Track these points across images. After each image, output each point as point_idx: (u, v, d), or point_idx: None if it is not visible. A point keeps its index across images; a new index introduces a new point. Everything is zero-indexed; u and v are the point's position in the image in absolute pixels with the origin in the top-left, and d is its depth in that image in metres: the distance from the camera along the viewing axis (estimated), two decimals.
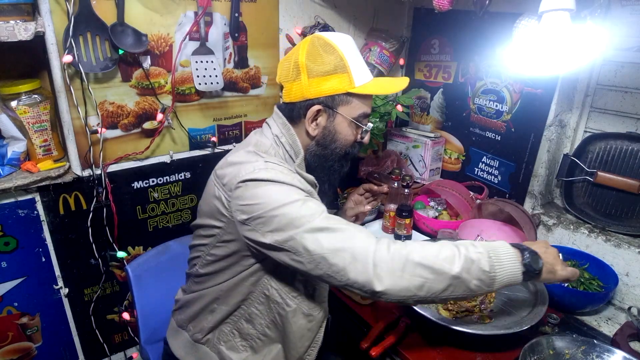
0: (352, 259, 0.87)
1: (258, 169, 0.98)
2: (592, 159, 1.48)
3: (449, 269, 0.86)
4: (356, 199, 1.41)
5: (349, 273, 0.87)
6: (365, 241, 0.89)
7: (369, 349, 1.12)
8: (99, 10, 1.31)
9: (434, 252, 0.88)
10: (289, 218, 0.91)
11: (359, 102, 1.06)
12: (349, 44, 1.06)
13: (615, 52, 1.37)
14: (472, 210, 1.65)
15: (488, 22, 1.63)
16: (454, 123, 1.91)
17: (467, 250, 0.89)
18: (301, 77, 1.04)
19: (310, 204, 0.94)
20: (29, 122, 1.31)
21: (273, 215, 0.92)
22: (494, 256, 0.90)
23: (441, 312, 1.16)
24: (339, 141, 1.09)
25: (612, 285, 1.30)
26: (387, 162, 1.93)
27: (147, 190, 1.60)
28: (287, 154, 1.10)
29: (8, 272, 1.40)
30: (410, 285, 0.86)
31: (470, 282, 0.87)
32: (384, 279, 0.85)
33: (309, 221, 0.90)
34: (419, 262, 0.86)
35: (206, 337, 1.17)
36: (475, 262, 0.87)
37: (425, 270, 0.86)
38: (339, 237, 0.89)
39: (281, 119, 1.10)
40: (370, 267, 0.85)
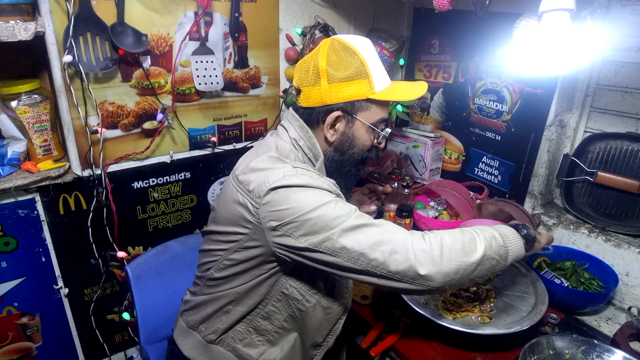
0: (391, 252, 0.90)
1: (288, 175, 0.96)
2: (592, 159, 1.48)
3: (475, 250, 0.93)
4: (360, 199, 1.41)
5: (390, 265, 0.90)
6: (401, 233, 0.92)
7: (369, 349, 1.12)
8: (99, 10, 1.31)
9: (460, 238, 0.94)
10: (324, 220, 0.92)
11: (377, 108, 1.06)
12: (368, 47, 1.05)
13: (615, 52, 1.37)
14: (472, 210, 1.65)
15: (488, 22, 1.63)
16: (454, 123, 1.91)
17: (483, 231, 0.98)
18: (321, 82, 1.02)
19: (342, 204, 0.95)
20: (29, 122, 1.31)
21: (307, 219, 0.92)
22: (502, 234, 0.99)
23: (441, 312, 1.16)
24: (357, 147, 1.09)
25: (612, 285, 1.30)
26: (387, 162, 1.93)
27: (147, 190, 1.60)
28: (306, 157, 1.08)
29: (8, 272, 1.40)
30: (450, 270, 0.91)
31: (492, 259, 0.95)
32: (426, 265, 0.89)
33: (344, 221, 0.91)
34: (452, 247, 0.92)
35: (220, 337, 1.16)
36: (492, 239, 0.96)
37: (459, 254, 0.92)
38: (375, 231, 0.92)
39: (298, 121, 1.08)
40: (412, 256, 0.89)
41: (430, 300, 1.21)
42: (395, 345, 1.13)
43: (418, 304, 1.17)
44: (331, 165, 1.10)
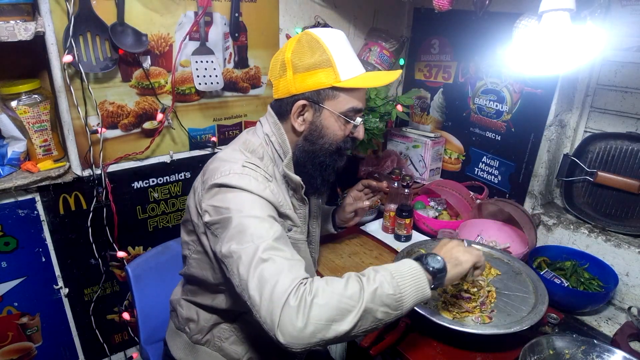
0: (270, 295, 0.82)
1: (233, 172, 0.99)
2: (592, 159, 1.48)
3: (355, 305, 0.83)
4: (355, 195, 1.42)
5: (262, 309, 0.83)
6: (287, 280, 0.83)
7: (369, 348, 1.12)
8: (99, 10, 1.31)
9: (340, 291, 0.84)
10: (240, 230, 0.91)
11: (346, 97, 1.06)
12: (337, 38, 1.05)
13: (615, 52, 1.37)
14: (472, 210, 1.65)
15: (488, 22, 1.63)
16: (454, 123, 1.91)
17: (369, 280, 0.87)
18: (287, 73, 1.05)
19: (265, 225, 0.93)
20: (29, 122, 1.32)
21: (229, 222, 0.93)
22: (398, 275, 0.88)
23: (441, 312, 1.16)
24: (328, 136, 1.09)
25: (612, 285, 1.29)
26: (387, 162, 1.93)
27: (147, 190, 1.60)
28: (277, 153, 1.10)
29: (8, 272, 1.40)
30: (317, 328, 0.80)
31: (377, 312, 0.85)
32: (286, 336, 0.80)
33: (253, 243, 0.88)
34: (324, 304, 0.81)
35: (205, 337, 1.17)
36: (378, 288, 0.85)
37: (332, 312, 0.81)
38: (268, 269, 0.85)
39: (272, 117, 1.11)
40: (277, 316, 0.80)
41: (430, 300, 1.21)
42: (395, 345, 1.13)
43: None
44: (303, 155, 1.11)
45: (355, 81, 1.05)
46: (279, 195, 1.04)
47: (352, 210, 1.41)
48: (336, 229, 1.48)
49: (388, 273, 0.88)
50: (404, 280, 0.88)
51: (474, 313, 1.15)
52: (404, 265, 0.92)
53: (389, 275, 0.88)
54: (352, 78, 1.04)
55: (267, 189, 1.00)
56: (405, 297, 0.87)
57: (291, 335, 0.79)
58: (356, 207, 1.40)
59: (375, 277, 0.87)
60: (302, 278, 0.85)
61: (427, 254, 0.96)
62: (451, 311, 1.16)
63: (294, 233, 1.11)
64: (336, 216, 1.47)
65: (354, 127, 1.10)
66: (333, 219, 1.47)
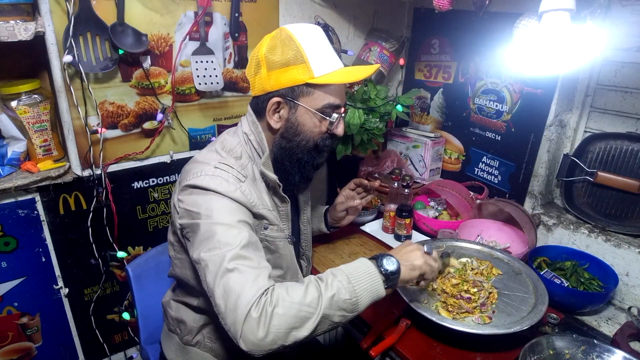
0: (233, 306, 0.85)
1: (204, 174, 1.00)
2: (592, 159, 1.48)
3: (313, 312, 0.87)
4: (347, 194, 1.42)
5: (227, 318, 0.86)
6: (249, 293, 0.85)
7: (369, 349, 1.12)
8: (99, 10, 1.31)
9: (299, 299, 0.87)
10: (208, 237, 0.93)
11: (321, 93, 1.04)
12: (311, 34, 1.04)
13: (615, 52, 1.37)
14: (472, 210, 1.65)
15: (488, 22, 1.63)
16: (454, 123, 1.91)
17: (327, 286, 0.90)
18: (261, 70, 1.05)
19: (233, 231, 0.94)
20: (29, 122, 1.32)
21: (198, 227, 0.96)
22: (353, 279, 0.92)
23: (441, 312, 1.16)
24: (304, 133, 1.08)
25: (612, 285, 1.29)
26: (387, 162, 1.93)
27: (147, 190, 1.60)
28: (255, 151, 1.11)
29: (8, 272, 1.40)
30: (277, 336, 0.84)
31: (334, 316, 0.89)
32: (248, 344, 0.83)
33: (220, 250, 0.91)
34: (284, 313, 0.85)
35: (196, 338, 1.18)
36: (335, 294, 0.89)
37: (291, 320, 0.85)
38: (233, 279, 0.88)
39: (251, 116, 1.11)
40: (240, 326, 0.84)
41: (430, 300, 1.21)
42: (395, 345, 1.13)
43: (418, 304, 1.17)
44: (280, 152, 1.11)
45: (330, 77, 1.03)
46: (251, 195, 1.04)
47: (343, 209, 1.40)
48: (329, 228, 1.48)
49: (345, 278, 0.91)
50: (360, 284, 0.92)
51: (474, 314, 1.15)
52: (360, 267, 0.95)
53: (346, 280, 0.91)
54: (326, 74, 1.03)
55: (237, 190, 1.01)
56: (361, 300, 0.91)
57: (253, 344, 0.83)
58: (347, 206, 1.40)
59: (333, 283, 0.90)
60: (265, 288, 0.87)
61: (384, 255, 0.99)
62: (451, 311, 1.16)
63: (270, 231, 1.11)
64: (328, 215, 1.46)
65: (333, 124, 1.08)
66: (325, 218, 1.47)
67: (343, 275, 0.92)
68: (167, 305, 1.26)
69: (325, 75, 1.03)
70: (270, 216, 1.10)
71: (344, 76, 1.06)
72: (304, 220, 1.33)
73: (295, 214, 1.30)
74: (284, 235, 1.15)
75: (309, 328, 0.86)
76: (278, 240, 1.13)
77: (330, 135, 1.11)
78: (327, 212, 1.47)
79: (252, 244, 0.96)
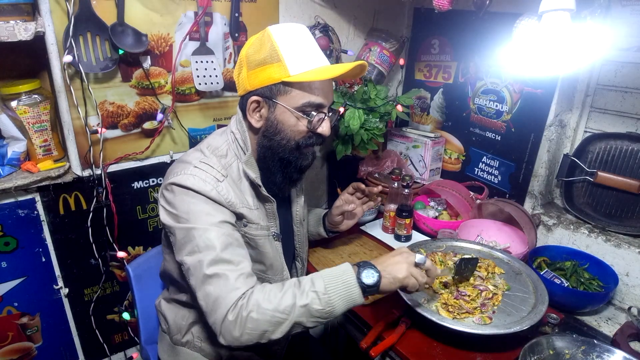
0: (213, 307, 0.94)
1: (183, 173, 1.02)
2: (592, 159, 1.48)
3: (286, 318, 0.92)
4: (346, 198, 1.40)
5: (209, 317, 0.95)
6: (228, 297, 0.93)
7: (369, 349, 1.12)
8: (99, 10, 1.31)
9: (274, 306, 0.92)
10: (187, 241, 0.98)
11: (300, 92, 1.04)
12: (291, 32, 1.03)
13: (615, 52, 1.37)
14: (472, 210, 1.65)
15: (488, 22, 1.63)
16: (454, 123, 1.91)
17: (302, 295, 0.93)
18: (242, 70, 1.06)
19: (211, 235, 0.97)
20: (29, 122, 1.32)
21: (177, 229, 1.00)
22: (330, 288, 0.94)
23: (441, 312, 1.16)
24: (284, 132, 1.07)
25: (612, 285, 1.30)
26: (387, 162, 1.93)
27: (147, 190, 1.60)
28: (241, 149, 1.12)
29: (8, 272, 1.40)
30: (252, 336, 0.92)
31: (307, 322, 0.94)
32: (227, 338, 0.93)
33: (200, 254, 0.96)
34: (257, 318, 0.91)
35: (185, 337, 1.19)
36: (309, 304, 0.92)
37: (264, 325, 0.92)
38: (213, 284, 0.94)
39: (238, 114, 1.13)
40: (219, 326, 0.93)
41: (430, 300, 1.21)
42: (395, 345, 1.13)
43: (418, 304, 1.17)
44: (263, 151, 1.11)
45: (305, 75, 1.01)
46: (228, 194, 1.04)
47: (338, 213, 1.38)
48: (327, 233, 1.46)
49: (322, 287, 0.94)
50: (336, 293, 0.94)
51: (474, 314, 1.15)
52: (339, 277, 0.96)
53: (322, 290, 0.93)
54: (302, 72, 1.01)
55: (214, 189, 1.02)
56: (336, 308, 0.94)
57: (230, 341, 0.93)
58: (343, 210, 1.37)
59: (309, 293, 0.93)
60: (243, 292, 0.93)
61: (366, 266, 0.98)
62: (451, 312, 1.16)
63: (249, 229, 1.11)
64: (326, 219, 1.45)
65: (311, 122, 1.06)
66: (324, 222, 1.46)
67: (321, 284, 0.94)
68: (159, 306, 1.28)
69: (301, 74, 1.01)
70: (249, 215, 1.10)
71: (320, 74, 1.04)
72: (297, 221, 1.32)
73: (287, 213, 1.29)
74: (266, 234, 1.15)
75: (282, 331, 0.93)
76: (258, 238, 1.13)
77: (315, 135, 1.09)
78: (326, 216, 1.45)
79: (232, 243, 1.00)
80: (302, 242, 1.36)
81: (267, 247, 1.15)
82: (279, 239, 1.20)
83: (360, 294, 0.95)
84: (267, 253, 1.15)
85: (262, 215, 1.14)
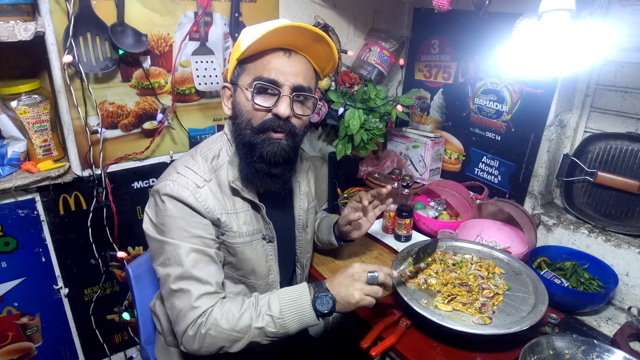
0: (176, 317, 1.01)
1: (167, 180, 1.04)
2: (592, 159, 1.48)
3: (242, 337, 0.99)
4: (354, 206, 1.33)
5: (174, 326, 1.03)
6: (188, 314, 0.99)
7: (369, 349, 1.12)
8: (99, 10, 1.31)
9: (231, 326, 0.98)
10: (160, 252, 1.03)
11: (251, 66, 1.03)
12: (267, 22, 1.01)
13: (615, 52, 1.37)
14: (472, 210, 1.65)
15: (488, 22, 1.63)
16: (454, 123, 1.91)
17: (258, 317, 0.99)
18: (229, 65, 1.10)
19: (181, 251, 1.01)
20: (29, 122, 1.32)
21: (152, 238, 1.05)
22: (286, 312, 0.99)
23: (439, 307, 1.17)
24: (242, 113, 1.05)
25: (612, 285, 1.29)
26: (387, 162, 1.93)
27: (147, 190, 1.60)
28: (233, 147, 1.13)
29: (8, 272, 1.40)
30: (210, 350, 1.00)
31: (262, 340, 1.01)
32: (187, 346, 1.01)
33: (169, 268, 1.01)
34: (215, 336, 0.98)
35: None
36: (264, 327, 0.99)
37: (221, 342, 0.99)
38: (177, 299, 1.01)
39: None
40: (180, 337, 1.01)
41: (430, 299, 1.21)
42: (395, 345, 1.13)
43: (418, 304, 1.17)
44: (235, 140, 1.11)
45: (250, 44, 0.95)
46: (206, 201, 1.04)
47: (345, 222, 1.31)
48: (339, 242, 1.39)
49: (278, 311, 0.99)
50: (291, 317, 0.99)
51: (474, 315, 1.15)
52: (295, 301, 1.00)
53: (278, 314, 0.99)
54: (250, 43, 0.96)
55: (191, 196, 1.02)
56: (290, 329, 1.00)
57: (190, 351, 1.01)
58: (348, 220, 1.29)
59: (264, 316, 0.99)
60: (203, 310, 0.99)
61: (321, 294, 1.01)
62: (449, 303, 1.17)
63: (227, 237, 1.09)
64: (336, 228, 1.38)
65: (253, 95, 1.01)
66: (334, 231, 1.39)
67: (277, 307, 0.99)
68: (153, 308, 1.28)
69: (248, 45, 0.96)
70: (228, 221, 1.08)
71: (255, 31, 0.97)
72: (299, 226, 1.29)
73: (286, 217, 1.26)
74: (248, 240, 1.12)
75: (238, 347, 1.00)
76: (237, 245, 1.11)
77: (275, 117, 1.02)
78: (336, 224, 1.38)
79: (201, 260, 1.02)
80: (304, 248, 1.32)
81: (248, 254, 1.13)
82: (272, 241, 1.17)
83: (315, 318, 1.01)
84: (248, 260, 1.13)
85: (249, 217, 1.12)
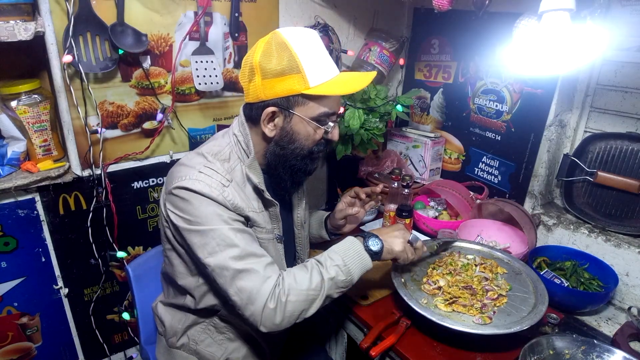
0: (249, 301, 0.97)
1: (189, 178, 1.02)
2: (592, 159, 1.48)
3: (319, 294, 1.01)
4: (348, 201, 1.40)
5: (245, 311, 0.99)
6: (263, 288, 0.97)
7: (369, 349, 1.12)
8: (99, 10, 1.31)
9: (307, 285, 1.00)
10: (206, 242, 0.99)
11: (315, 104, 1.04)
12: (307, 41, 1.02)
13: (615, 52, 1.37)
14: (472, 210, 1.65)
15: (488, 22, 1.63)
16: (454, 123, 1.91)
17: (327, 271, 1.02)
18: (255, 78, 1.03)
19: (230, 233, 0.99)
20: (28, 122, 1.31)
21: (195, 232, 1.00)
22: (348, 260, 1.05)
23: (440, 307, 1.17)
24: (299, 141, 1.08)
25: (612, 285, 1.29)
26: (387, 162, 1.93)
27: (147, 190, 1.60)
28: (244, 153, 1.11)
29: (8, 272, 1.40)
30: (292, 318, 0.99)
31: (334, 294, 1.04)
32: (268, 326, 0.98)
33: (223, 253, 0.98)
34: (296, 300, 0.98)
35: (180, 340, 1.19)
36: (335, 277, 1.02)
37: (302, 304, 1.00)
38: (245, 279, 0.98)
39: (241, 117, 1.12)
40: (259, 317, 0.97)
41: (429, 299, 1.21)
42: (395, 345, 1.13)
43: (418, 304, 1.17)
44: (274, 159, 1.11)
45: (325, 88, 1.02)
46: (234, 199, 1.04)
47: (341, 217, 1.38)
48: (330, 235, 1.46)
49: (341, 260, 1.04)
50: (353, 263, 1.05)
51: (474, 315, 1.15)
52: (350, 248, 1.07)
53: (342, 263, 1.04)
54: (321, 84, 1.02)
55: (220, 195, 1.02)
56: (355, 276, 1.06)
57: (272, 328, 0.98)
58: (346, 214, 1.38)
59: (331, 267, 1.03)
60: (276, 279, 0.99)
61: (370, 236, 1.11)
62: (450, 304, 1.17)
63: (255, 232, 1.11)
64: (328, 222, 1.45)
65: (328, 129, 1.09)
66: (326, 224, 1.45)
67: (339, 258, 1.04)
68: (155, 309, 1.28)
69: (320, 86, 1.02)
70: (256, 218, 1.10)
71: (340, 87, 1.04)
72: (298, 224, 1.31)
73: (288, 215, 1.29)
74: (271, 237, 1.16)
75: (316, 307, 1.01)
76: (263, 241, 1.13)
77: (325, 141, 1.12)
78: (328, 219, 1.45)
79: (248, 237, 1.03)
80: (303, 244, 1.35)
81: (271, 250, 1.15)
82: (281, 241, 1.20)
83: (370, 260, 1.07)
84: (271, 256, 1.15)
85: (266, 218, 1.14)
